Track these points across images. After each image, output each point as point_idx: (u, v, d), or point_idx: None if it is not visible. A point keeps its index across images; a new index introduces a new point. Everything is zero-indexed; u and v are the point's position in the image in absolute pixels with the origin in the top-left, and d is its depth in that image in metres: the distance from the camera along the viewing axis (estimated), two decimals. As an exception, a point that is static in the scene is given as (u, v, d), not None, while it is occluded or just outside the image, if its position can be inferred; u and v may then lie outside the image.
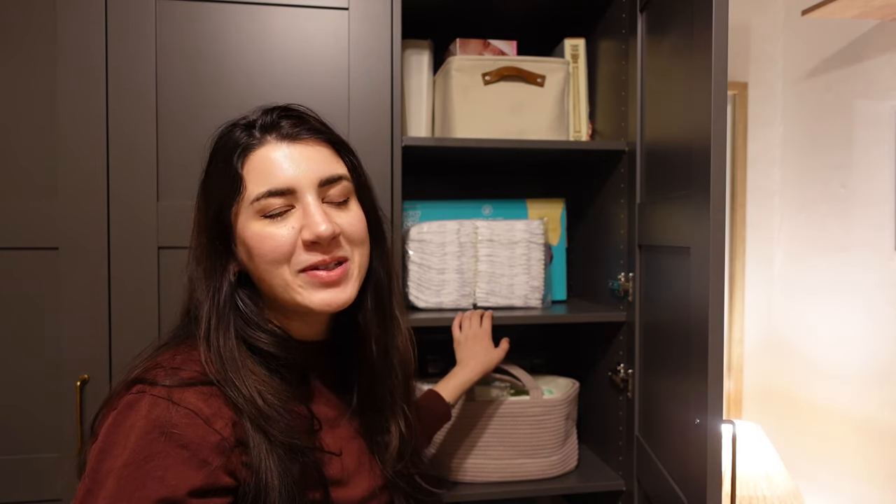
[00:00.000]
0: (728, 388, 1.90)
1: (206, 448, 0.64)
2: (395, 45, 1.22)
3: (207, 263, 0.76)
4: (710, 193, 0.91)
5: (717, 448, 0.92)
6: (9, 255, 1.13)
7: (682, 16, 1.03)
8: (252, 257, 0.74)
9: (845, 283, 1.67)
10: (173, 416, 0.64)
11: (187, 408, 0.65)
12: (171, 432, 0.63)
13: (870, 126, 1.60)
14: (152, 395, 0.65)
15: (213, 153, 0.78)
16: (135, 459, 0.62)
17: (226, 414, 0.67)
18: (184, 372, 0.69)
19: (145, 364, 0.71)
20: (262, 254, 0.73)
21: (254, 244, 0.74)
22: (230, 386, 0.69)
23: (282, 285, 0.74)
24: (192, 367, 0.70)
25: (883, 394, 1.56)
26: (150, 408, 0.65)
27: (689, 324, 0.99)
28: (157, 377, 0.67)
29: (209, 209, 0.76)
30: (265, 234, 0.73)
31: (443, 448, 1.30)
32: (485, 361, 1.22)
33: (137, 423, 0.64)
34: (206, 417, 0.65)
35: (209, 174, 0.78)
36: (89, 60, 1.14)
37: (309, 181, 0.74)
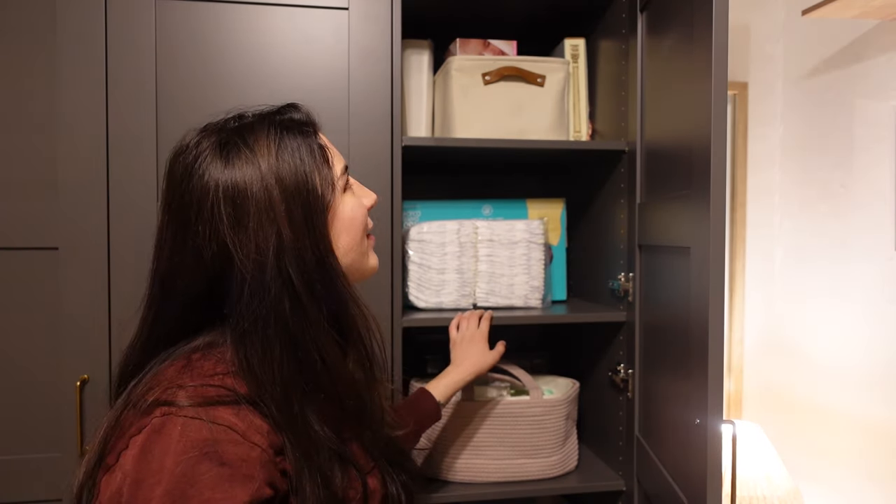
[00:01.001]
0: (728, 388, 1.90)
1: (249, 463, 0.63)
2: (395, 45, 1.22)
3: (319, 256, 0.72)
4: (710, 193, 0.91)
5: (717, 448, 0.92)
6: (9, 255, 1.13)
7: (682, 16, 1.03)
8: (346, 231, 0.78)
9: (845, 283, 1.67)
10: (210, 435, 0.62)
11: (223, 424, 0.63)
12: (211, 451, 0.61)
13: (870, 126, 1.60)
14: (183, 416, 0.62)
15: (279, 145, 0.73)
16: (177, 485, 0.59)
17: (258, 425, 0.66)
18: (205, 390, 0.66)
19: (162, 384, 0.67)
20: (358, 224, 0.80)
21: (353, 215, 0.79)
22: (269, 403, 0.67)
23: (362, 251, 0.81)
24: (209, 382, 0.67)
25: (883, 393, 1.56)
26: (184, 430, 0.62)
27: (689, 324, 0.99)
28: (177, 398, 0.64)
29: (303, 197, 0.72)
30: (357, 204, 0.80)
31: (443, 448, 1.30)
32: (479, 363, 1.22)
33: (171, 446, 0.61)
34: (243, 432, 0.64)
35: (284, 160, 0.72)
36: (89, 60, 1.14)
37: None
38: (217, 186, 0.70)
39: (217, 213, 0.69)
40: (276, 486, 0.65)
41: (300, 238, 0.71)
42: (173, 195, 0.72)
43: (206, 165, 0.71)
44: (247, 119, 0.76)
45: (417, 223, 1.37)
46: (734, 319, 1.90)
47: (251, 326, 0.68)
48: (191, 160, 0.72)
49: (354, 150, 1.21)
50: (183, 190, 0.71)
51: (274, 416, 0.67)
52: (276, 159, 0.72)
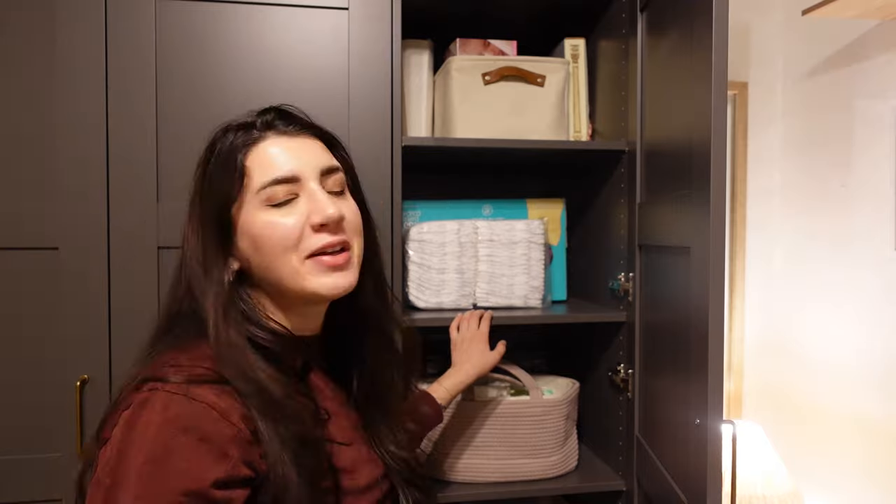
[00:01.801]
0: (728, 388, 1.90)
1: (226, 440, 0.65)
2: (395, 45, 1.22)
3: (208, 261, 0.77)
4: (710, 193, 0.91)
5: (717, 448, 0.92)
6: (9, 255, 1.13)
7: (682, 16, 1.03)
8: (259, 248, 0.76)
9: (845, 283, 1.67)
10: (191, 411, 0.65)
11: (204, 402, 0.66)
12: (190, 426, 0.64)
13: (870, 126, 1.60)
14: (166, 391, 0.66)
15: (211, 152, 0.80)
16: (156, 455, 0.62)
17: (238, 409, 0.68)
18: (194, 369, 0.69)
19: (151, 364, 0.72)
20: (273, 242, 0.76)
21: (263, 233, 0.76)
22: (241, 380, 0.70)
23: (290, 273, 0.76)
24: (200, 364, 0.71)
25: (883, 393, 1.56)
26: (166, 403, 0.65)
27: (689, 324, 0.99)
28: (167, 374, 0.68)
29: (209, 206, 0.78)
30: (274, 221, 0.76)
31: (443, 448, 1.30)
32: (480, 364, 1.22)
33: (154, 418, 0.64)
34: (222, 411, 0.66)
35: (208, 172, 0.79)
36: (89, 60, 1.14)
37: (312, 169, 0.79)
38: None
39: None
40: (256, 468, 0.67)
41: (190, 239, 0.78)
42: None
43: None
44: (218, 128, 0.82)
45: (417, 223, 1.37)
46: (734, 319, 1.90)
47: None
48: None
49: (354, 150, 1.21)
50: None
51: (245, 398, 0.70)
52: (205, 165, 0.80)
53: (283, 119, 0.81)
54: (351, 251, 0.80)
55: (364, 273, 0.84)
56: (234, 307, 0.76)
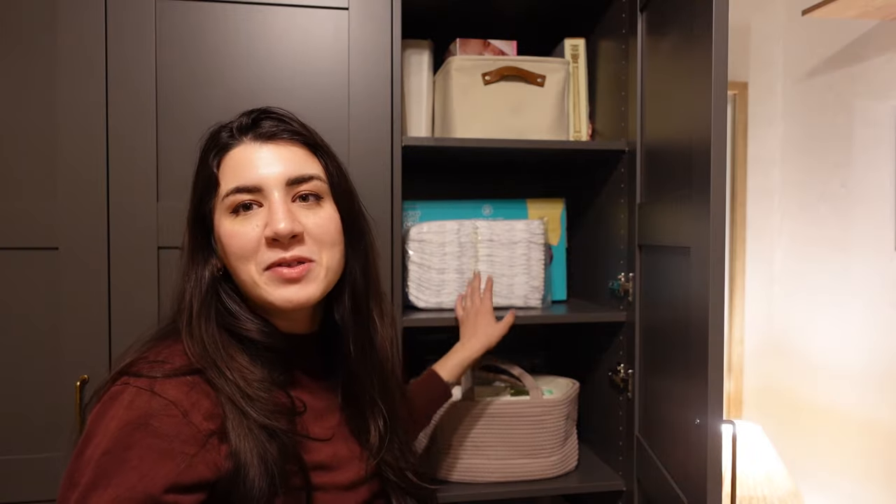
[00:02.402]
0: (728, 388, 1.90)
1: (182, 440, 0.66)
2: (395, 45, 1.22)
3: (191, 256, 0.80)
4: (710, 193, 0.91)
5: (717, 448, 0.92)
6: (9, 255, 1.13)
7: (682, 16, 1.03)
8: (225, 254, 0.79)
9: (845, 283, 1.67)
10: (152, 407, 0.67)
11: (166, 398, 0.68)
12: (149, 423, 0.66)
13: (870, 126, 1.60)
14: (135, 386, 0.68)
15: (200, 154, 0.82)
16: (114, 448, 0.64)
17: (204, 406, 0.70)
18: (167, 364, 0.71)
19: (132, 357, 0.74)
20: (232, 250, 0.77)
21: (225, 241, 0.78)
22: (212, 369, 0.72)
23: (249, 282, 0.78)
24: (176, 359, 0.72)
25: (883, 394, 1.56)
26: (132, 399, 0.67)
27: (689, 324, 0.99)
28: (140, 369, 0.70)
29: (193, 206, 0.81)
30: (233, 230, 0.77)
31: (443, 448, 1.30)
32: (486, 336, 1.22)
33: (118, 413, 0.66)
34: (185, 409, 0.68)
35: (195, 173, 0.82)
36: (89, 60, 1.14)
37: (276, 180, 0.77)
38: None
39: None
40: (218, 467, 0.68)
41: (185, 242, 0.82)
42: None
43: None
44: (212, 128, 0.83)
45: (417, 223, 1.37)
46: (734, 319, 1.90)
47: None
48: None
49: (354, 150, 1.22)
50: None
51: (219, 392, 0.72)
52: (195, 173, 0.82)
53: (266, 121, 0.80)
54: (314, 264, 0.78)
55: (342, 285, 0.83)
56: (215, 298, 0.79)
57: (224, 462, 0.69)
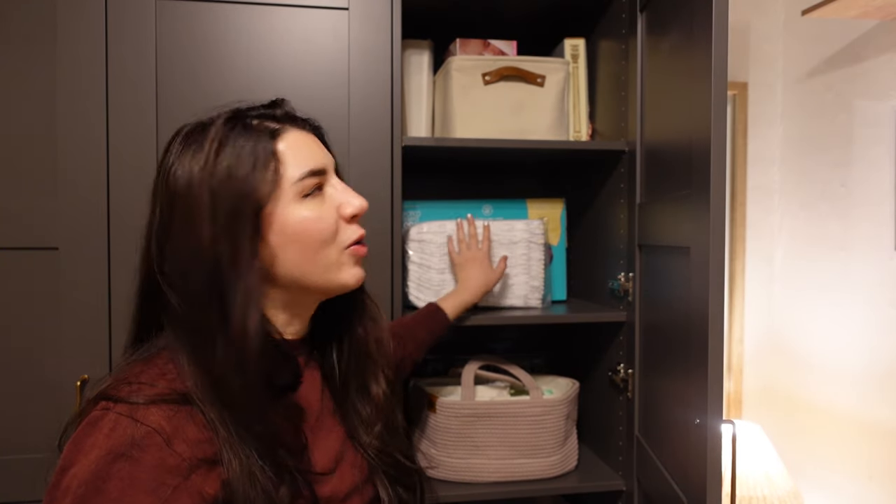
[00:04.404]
0: (728, 388, 1.90)
1: (164, 470, 0.62)
2: (395, 45, 1.22)
3: (242, 261, 0.69)
4: (710, 193, 0.91)
5: (717, 448, 0.92)
6: (9, 255, 1.13)
7: (682, 16, 1.03)
8: (295, 243, 0.72)
9: (845, 283, 1.67)
10: (133, 436, 0.62)
11: (149, 426, 0.62)
12: (130, 453, 0.61)
13: (870, 126, 1.60)
14: (116, 412, 0.63)
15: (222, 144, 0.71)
16: (91, 479, 0.60)
17: (189, 432, 0.64)
18: (151, 388, 0.65)
19: (114, 378, 0.68)
20: (313, 235, 0.73)
21: (303, 227, 0.72)
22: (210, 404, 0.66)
23: (326, 265, 0.75)
24: (162, 382, 0.66)
25: (883, 393, 1.56)
26: (113, 426, 0.62)
27: (689, 324, 0.99)
28: (121, 393, 0.64)
29: (237, 199, 0.69)
30: (314, 215, 0.73)
31: (443, 448, 1.30)
32: (482, 282, 1.27)
33: (98, 441, 0.62)
34: (168, 437, 0.63)
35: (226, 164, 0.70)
36: (89, 60, 1.14)
37: (331, 163, 0.78)
38: (163, 181, 0.71)
39: (157, 209, 0.71)
40: (204, 495, 0.64)
41: (218, 242, 0.68)
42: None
43: (166, 158, 0.73)
44: (222, 114, 0.75)
45: (417, 223, 1.37)
46: (734, 319, 1.90)
47: (179, 328, 0.69)
48: (163, 151, 0.74)
49: (354, 150, 1.22)
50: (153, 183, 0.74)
51: (211, 420, 0.65)
52: (215, 158, 0.70)
53: (294, 113, 0.80)
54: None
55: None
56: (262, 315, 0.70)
57: (213, 491, 0.64)
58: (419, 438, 1.36)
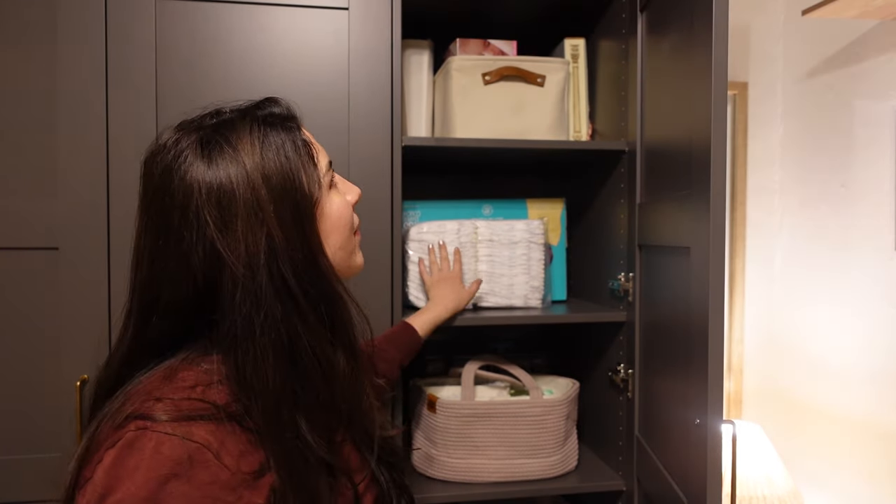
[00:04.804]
0: (728, 388, 1.90)
1: (218, 486, 0.60)
2: (395, 45, 1.22)
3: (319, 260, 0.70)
4: (710, 193, 0.91)
5: (717, 448, 0.92)
6: (9, 255, 1.13)
7: (682, 16, 1.03)
8: (335, 229, 0.75)
9: (845, 283, 1.67)
10: (183, 454, 0.59)
11: (197, 443, 0.60)
12: (181, 471, 0.59)
13: (870, 126, 1.60)
14: (157, 431, 0.60)
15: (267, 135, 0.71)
16: (143, 502, 0.57)
17: (232, 446, 0.63)
18: (188, 403, 0.63)
19: (131, 395, 0.65)
20: (345, 222, 0.76)
21: (339, 214, 0.75)
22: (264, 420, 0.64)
23: (350, 250, 0.78)
24: (195, 395, 0.64)
25: (883, 393, 1.56)
26: (157, 445, 0.59)
27: (689, 324, 0.99)
28: (154, 411, 0.61)
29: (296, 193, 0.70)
30: (342, 202, 0.76)
31: (443, 448, 1.30)
32: (454, 302, 1.28)
33: (143, 462, 0.58)
34: (216, 452, 0.61)
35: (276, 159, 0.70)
36: (90, 61, 1.14)
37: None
38: (201, 187, 0.66)
39: (203, 215, 0.65)
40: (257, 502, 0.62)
41: (291, 239, 0.68)
42: (153, 198, 0.68)
43: (187, 165, 0.67)
44: (225, 115, 0.73)
45: (417, 223, 1.37)
46: (734, 319, 1.90)
47: (244, 333, 0.65)
48: (170, 160, 0.68)
49: (354, 150, 1.22)
50: (164, 192, 0.67)
51: (259, 429, 0.64)
52: (261, 157, 0.69)
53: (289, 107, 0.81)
54: None
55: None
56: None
57: (262, 501, 0.63)
58: (419, 438, 1.36)
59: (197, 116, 0.74)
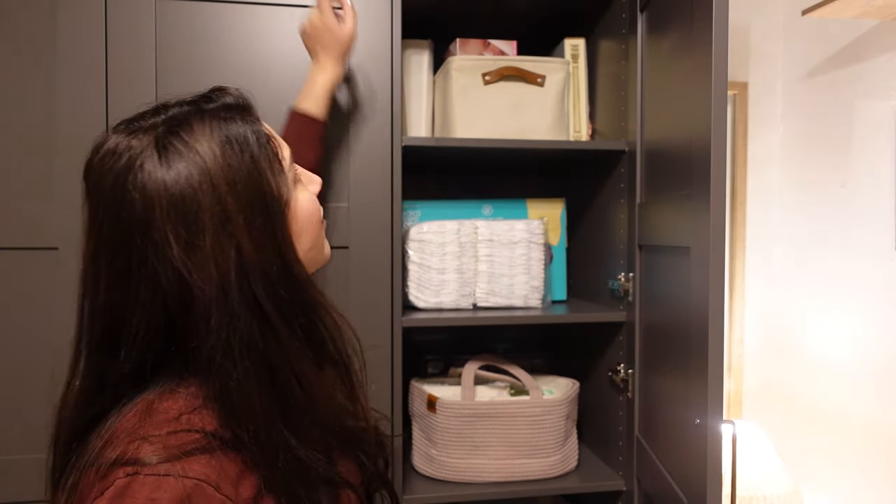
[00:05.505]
0: (728, 388, 1.90)
1: None
2: (395, 45, 1.22)
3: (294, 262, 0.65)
4: (710, 193, 0.91)
5: (717, 448, 0.92)
6: (9, 255, 1.13)
7: (682, 16, 1.03)
8: (306, 229, 0.69)
9: (845, 283, 1.67)
10: (182, 493, 0.55)
11: (195, 479, 0.56)
12: None
13: (870, 126, 1.60)
14: (150, 474, 0.55)
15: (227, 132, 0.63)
16: None
17: (231, 471, 0.59)
18: (176, 437, 0.58)
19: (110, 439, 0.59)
20: (316, 219, 0.71)
21: (307, 208, 0.69)
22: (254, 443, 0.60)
23: (319, 242, 0.73)
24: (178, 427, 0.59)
25: (883, 393, 1.56)
26: (153, 489, 0.54)
27: (689, 324, 0.99)
28: (142, 453, 0.56)
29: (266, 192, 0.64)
30: (310, 197, 0.71)
31: (443, 448, 1.30)
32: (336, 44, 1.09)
33: None
34: (216, 484, 0.57)
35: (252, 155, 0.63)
36: (89, 60, 1.14)
37: None
38: (161, 199, 0.58)
39: (165, 231, 0.58)
40: None
41: (262, 250, 0.62)
42: (105, 214, 0.60)
43: (144, 174, 0.59)
44: (175, 110, 0.64)
45: (417, 223, 1.37)
46: (734, 319, 1.90)
47: (223, 357, 0.59)
48: (122, 168, 0.59)
49: (354, 150, 1.22)
50: (119, 206, 0.59)
51: (252, 452, 0.60)
52: (224, 160, 0.61)
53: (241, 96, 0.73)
54: None
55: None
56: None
57: None
58: (419, 438, 1.36)
59: (141, 114, 0.64)
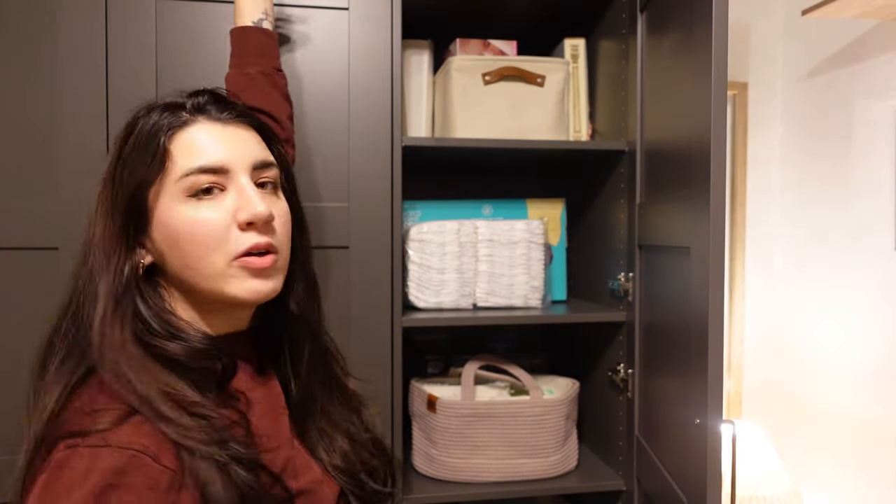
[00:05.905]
0: (728, 388, 1.90)
1: (158, 491, 0.58)
2: (395, 45, 1.22)
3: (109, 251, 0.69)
4: (710, 193, 0.91)
5: (717, 448, 0.92)
6: (9, 255, 1.13)
7: (682, 16, 1.03)
8: (177, 244, 0.69)
9: (845, 283, 1.67)
10: (118, 462, 0.56)
11: (132, 449, 0.58)
12: (118, 482, 0.56)
13: (870, 126, 1.60)
14: (87, 445, 0.57)
15: (130, 131, 0.72)
16: None
17: (166, 444, 0.61)
18: (113, 412, 0.60)
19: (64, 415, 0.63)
20: (194, 239, 0.68)
21: (183, 228, 0.68)
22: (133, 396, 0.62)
23: (211, 275, 0.69)
24: (110, 401, 0.62)
25: (883, 393, 1.56)
26: (91, 460, 0.56)
27: (689, 324, 0.99)
28: (86, 425, 0.59)
29: (122, 190, 0.69)
30: (197, 217, 0.68)
31: (443, 448, 1.30)
32: None
33: (76, 480, 0.55)
34: (154, 455, 0.59)
35: (124, 153, 0.71)
36: (89, 60, 1.14)
37: (243, 162, 0.72)
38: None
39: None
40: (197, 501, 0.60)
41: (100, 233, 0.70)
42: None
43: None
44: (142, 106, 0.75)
45: (417, 223, 1.37)
46: (734, 319, 1.90)
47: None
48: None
49: (354, 149, 1.22)
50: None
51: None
52: (121, 144, 0.72)
53: (217, 104, 0.74)
54: (277, 255, 0.72)
55: (294, 278, 0.79)
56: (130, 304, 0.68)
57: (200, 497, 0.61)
58: (419, 438, 1.36)
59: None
